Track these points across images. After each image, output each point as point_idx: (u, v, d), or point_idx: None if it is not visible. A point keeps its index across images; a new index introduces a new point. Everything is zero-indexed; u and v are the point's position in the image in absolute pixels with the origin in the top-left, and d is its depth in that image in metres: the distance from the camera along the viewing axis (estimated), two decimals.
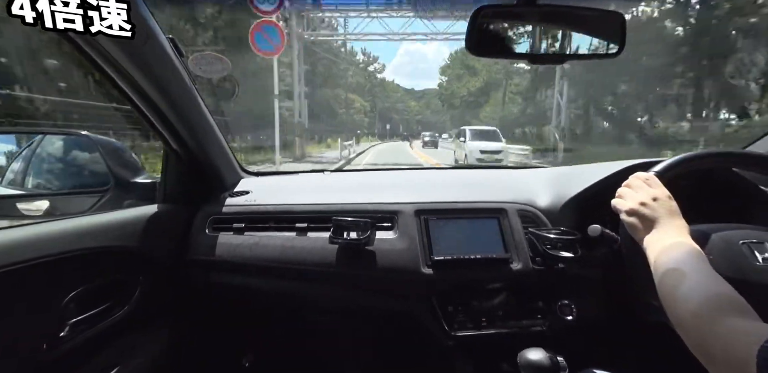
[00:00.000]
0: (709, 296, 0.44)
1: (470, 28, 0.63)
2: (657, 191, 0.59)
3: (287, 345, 1.13)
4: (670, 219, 0.56)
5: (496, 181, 1.13)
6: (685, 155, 0.68)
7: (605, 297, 0.84)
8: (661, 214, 0.56)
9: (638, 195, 0.59)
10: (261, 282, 0.89)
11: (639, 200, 0.58)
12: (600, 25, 0.68)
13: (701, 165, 0.69)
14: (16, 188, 1.23)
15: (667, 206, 0.57)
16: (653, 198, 0.58)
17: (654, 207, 0.57)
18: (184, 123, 0.81)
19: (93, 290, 0.68)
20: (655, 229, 0.56)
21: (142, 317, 0.79)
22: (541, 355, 0.69)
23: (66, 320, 0.63)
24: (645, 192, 0.59)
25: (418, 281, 0.82)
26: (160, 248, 0.84)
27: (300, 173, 1.34)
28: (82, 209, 1.00)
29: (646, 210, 0.57)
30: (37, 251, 0.58)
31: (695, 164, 0.68)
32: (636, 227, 0.58)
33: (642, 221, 0.58)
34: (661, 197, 0.58)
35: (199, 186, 0.95)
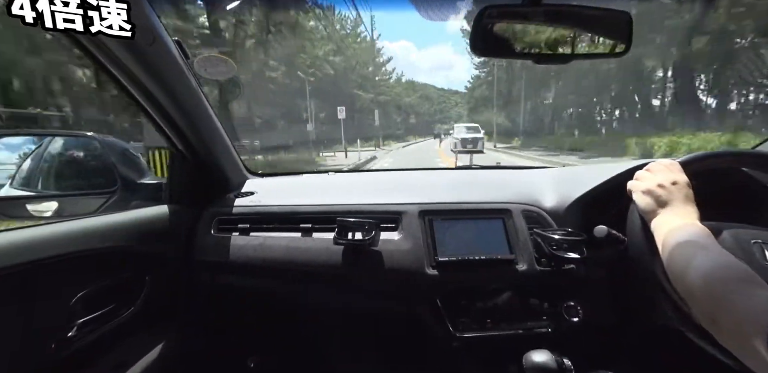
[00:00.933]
0: (721, 266, 0.44)
1: (475, 28, 0.63)
2: (678, 176, 0.58)
3: (292, 346, 1.13)
4: (684, 204, 0.56)
5: (500, 181, 1.13)
6: (712, 151, 0.68)
7: (611, 299, 0.84)
8: (676, 197, 0.56)
9: (657, 177, 0.59)
10: (266, 282, 0.90)
11: (657, 181, 0.58)
12: (606, 25, 0.67)
13: (726, 163, 0.68)
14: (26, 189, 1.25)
15: (685, 192, 0.57)
16: (672, 182, 0.57)
17: (671, 190, 0.57)
18: (190, 124, 0.81)
19: (100, 290, 0.68)
20: (667, 210, 0.56)
21: (149, 318, 0.80)
22: (546, 357, 0.69)
23: (74, 320, 0.64)
24: (665, 175, 0.59)
25: (422, 282, 0.82)
26: (166, 248, 0.84)
27: (304, 174, 1.34)
28: (89, 210, 1.01)
29: (661, 191, 0.57)
30: (45, 252, 0.59)
31: (720, 161, 0.67)
32: (648, 207, 0.58)
33: (656, 202, 0.57)
34: (681, 182, 0.57)
35: (204, 187, 0.96)
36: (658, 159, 0.64)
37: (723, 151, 0.69)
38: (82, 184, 1.24)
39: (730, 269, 0.43)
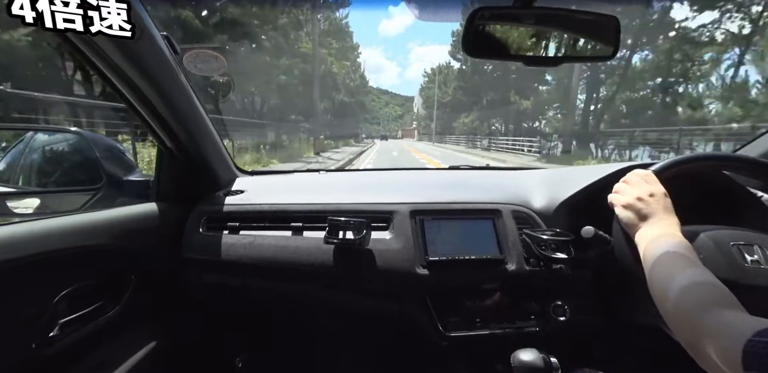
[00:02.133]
0: (698, 290, 0.45)
1: (467, 29, 0.64)
2: (654, 188, 0.60)
3: (281, 345, 1.12)
4: (665, 215, 0.57)
5: (490, 182, 1.14)
6: (682, 157, 0.69)
7: (598, 298, 0.85)
8: (655, 209, 0.58)
9: (635, 190, 0.60)
10: (255, 281, 0.89)
11: (636, 194, 0.59)
12: (595, 28, 0.68)
13: (697, 167, 0.70)
14: (6, 186, 1.21)
15: (663, 203, 0.58)
16: (650, 194, 0.59)
17: (650, 202, 0.58)
18: (179, 121, 0.80)
19: (84, 288, 0.67)
20: (648, 223, 0.57)
21: (135, 317, 0.78)
22: (534, 355, 0.70)
23: (57, 319, 0.62)
24: (642, 188, 0.60)
25: (412, 282, 0.82)
26: (153, 246, 0.83)
27: (295, 173, 1.33)
28: (73, 207, 0.99)
29: (641, 205, 0.58)
30: (26, 250, 0.58)
31: (692, 166, 0.69)
32: (630, 221, 0.59)
33: (637, 215, 0.59)
34: (658, 194, 0.59)
35: (193, 185, 0.95)
36: (636, 169, 0.66)
37: (692, 155, 0.71)
38: (66, 180, 1.21)
39: (707, 292, 0.44)
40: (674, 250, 0.51)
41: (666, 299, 0.47)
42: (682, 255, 0.50)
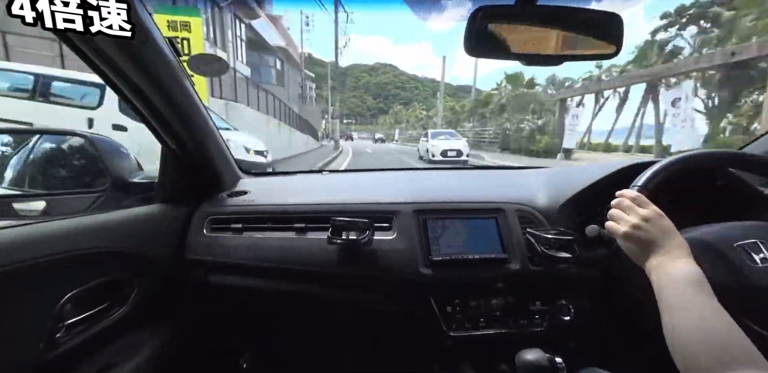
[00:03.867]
0: (717, 346, 0.43)
1: (468, 28, 0.64)
2: (646, 211, 0.57)
3: (285, 346, 1.12)
4: (667, 239, 0.55)
5: (494, 181, 1.14)
6: (663, 163, 0.66)
7: (603, 297, 0.85)
8: (655, 235, 0.55)
9: (629, 217, 0.58)
10: (259, 282, 0.89)
11: (631, 222, 0.57)
12: (598, 26, 0.68)
13: (683, 170, 0.67)
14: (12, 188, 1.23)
15: (659, 225, 0.56)
16: (644, 219, 0.56)
17: (647, 228, 0.56)
18: (182, 123, 0.80)
19: (90, 290, 0.67)
20: (654, 252, 0.55)
21: (140, 318, 0.79)
22: (539, 355, 0.69)
23: (63, 321, 0.63)
24: (635, 214, 0.58)
25: (416, 282, 0.82)
26: (157, 248, 0.83)
27: (298, 173, 1.33)
28: (79, 210, 1.00)
29: (639, 233, 0.56)
30: (33, 252, 0.58)
31: (676, 169, 0.66)
32: (634, 252, 0.57)
33: (638, 245, 0.57)
34: (653, 217, 0.56)
35: (197, 186, 0.95)
36: (623, 191, 0.63)
37: (673, 160, 0.67)
38: (71, 183, 1.22)
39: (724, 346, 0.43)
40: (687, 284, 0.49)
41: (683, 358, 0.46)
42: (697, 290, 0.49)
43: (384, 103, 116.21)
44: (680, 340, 0.46)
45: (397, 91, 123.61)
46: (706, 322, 0.46)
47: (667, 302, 0.50)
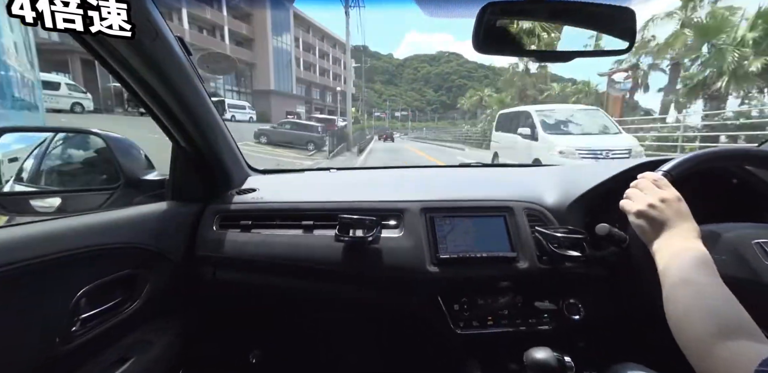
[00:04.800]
0: (714, 317, 0.43)
1: (477, 24, 0.63)
2: (665, 193, 0.57)
3: (293, 342, 1.14)
4: (680, 222, 0.54)
5: (502, 179, 1.13)
6: (695, 154, 0.66)
7: (613, 297, 0.84)
8: (669, 216, 0.55)
9: (646, 197, 0.58)
10: (268, 279, 0.90)
11: (647, 201, 0.57)
12: (610, 21, 0.66)
13: (711, 164, 0.67)
14: (29, 185, 1.26)
15: (676, 208, 0.55)
16: (661, 199, 0.56)
17: (662, 209, 0.55)
18: (193, 121, 0.81)
19: (103, 286, 0.69)
20: (664, 232, 0.55)
21: (152, 313, 0.80)
22: (547, 354, 0.69)
23: (78, 315, 0.65)
24: (653, 193, 0.57)
25: (423, 280, 0.82)
26: (169, 244, 0.85)
27: (306, 171, 1.34)
28: (92, 206, 1.02)
29: (654, 212, 0.56)
30: (48, 248, 0.60)
31: (705, 163, 0.66)
32: (644, 230, 0.57)
33: (650, 224, 0.56)
34: (670, 199, 0.56)
35: (206, 183, 0.96)
36: (646, 172, 0.62)
37: (702, 152, 0.66)
38: (85, 180, 1.24)
39: (724, 318, 0.43)
40: (694, 270, 0.49)
41: (681, 325, 0.45)
42: (702, 276, 0.48)
43: (447, 97, 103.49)
44: (678, 311, 0.46)
45: (463, 82, 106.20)
46: (706, 295, 0.45)
47: (669, 277, 0.50)
